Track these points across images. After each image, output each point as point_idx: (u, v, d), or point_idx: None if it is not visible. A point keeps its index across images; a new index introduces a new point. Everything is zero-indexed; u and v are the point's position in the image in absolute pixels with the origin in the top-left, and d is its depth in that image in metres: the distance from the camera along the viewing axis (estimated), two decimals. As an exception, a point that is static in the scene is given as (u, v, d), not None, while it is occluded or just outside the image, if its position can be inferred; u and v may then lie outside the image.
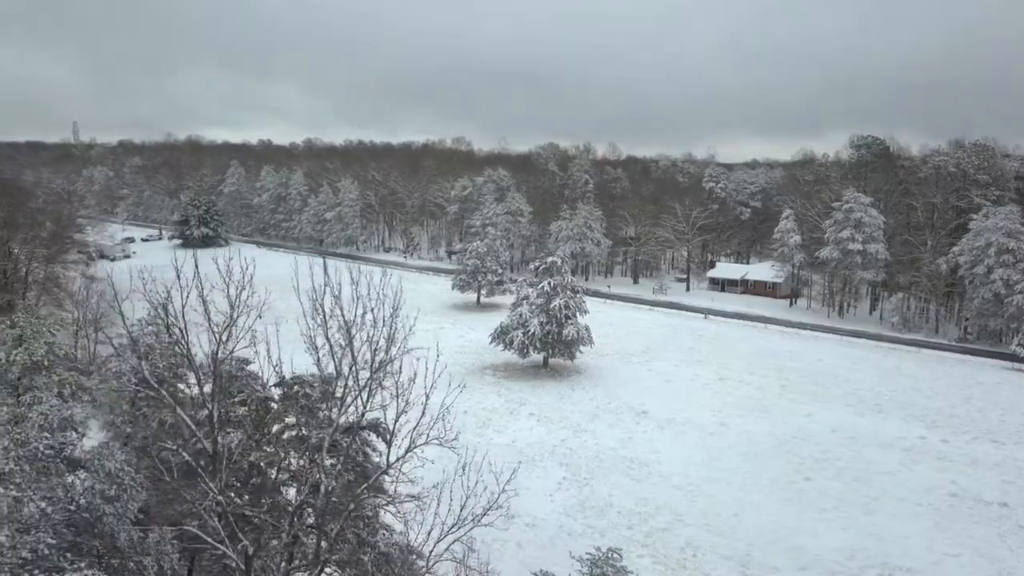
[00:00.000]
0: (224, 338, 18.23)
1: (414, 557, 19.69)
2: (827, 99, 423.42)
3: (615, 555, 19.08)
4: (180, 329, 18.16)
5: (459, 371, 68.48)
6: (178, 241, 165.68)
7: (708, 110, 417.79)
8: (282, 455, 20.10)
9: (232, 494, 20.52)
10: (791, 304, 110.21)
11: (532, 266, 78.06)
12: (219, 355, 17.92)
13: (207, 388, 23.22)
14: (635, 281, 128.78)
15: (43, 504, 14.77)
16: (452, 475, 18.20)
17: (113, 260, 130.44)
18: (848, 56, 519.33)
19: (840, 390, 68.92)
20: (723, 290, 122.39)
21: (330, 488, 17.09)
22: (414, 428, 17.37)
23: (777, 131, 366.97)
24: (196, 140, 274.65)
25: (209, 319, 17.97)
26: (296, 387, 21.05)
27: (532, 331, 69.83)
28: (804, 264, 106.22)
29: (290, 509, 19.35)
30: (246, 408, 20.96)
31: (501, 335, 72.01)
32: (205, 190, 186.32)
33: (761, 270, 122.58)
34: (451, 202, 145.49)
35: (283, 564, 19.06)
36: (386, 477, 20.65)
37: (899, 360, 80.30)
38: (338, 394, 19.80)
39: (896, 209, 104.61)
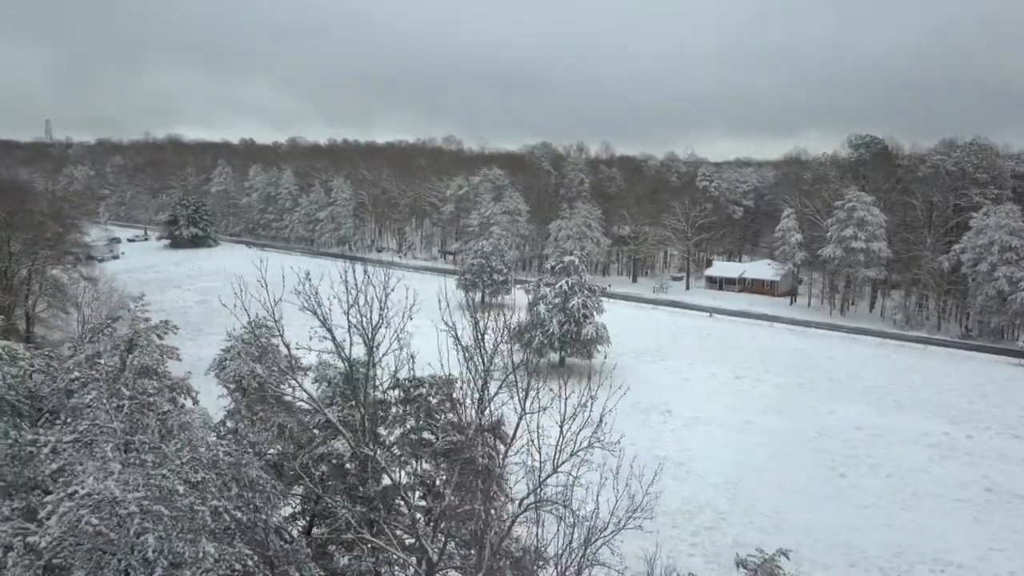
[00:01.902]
0: (375, 342, 17.80)
1: (541, 563, 19.41)
2: (803, 99, 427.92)
3: (782, 556, 18.88)
4: (330, 330, 17.67)
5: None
6: (166, 241, 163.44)
7: (686, 109, 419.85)
8: (408, 459, 19.69)
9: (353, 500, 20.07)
10: (791, 302, 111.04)
11: (548, 265, 77.90)
12: (372, 360, 17.47)
13: (316, 392, 22.77)
14: (634, 280, 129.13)
15: (238, 514, 14.27)
16: (599, 478, 17.99)
17: (101, 261, 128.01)
18: (827, 57, 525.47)
19: (856, 387, 69.47)
20: (721, 288, 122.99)
21: (502, 497, 16.78)
22: (579, 431, 17.16)
23: (752, 130, 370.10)
24: (176, 139, 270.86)
25: (362, 325, 17.56)
26: (414, 389, 20.65)
27: (551, 330, 69.65)
28: (805, 262, 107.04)
29: (417, 515, 18.97)
30: (361, 411, 20.47)
31: (519, 335, 71.54)
32: (190, 190, 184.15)
33: (758, 268, 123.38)
34: (446, 201, 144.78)
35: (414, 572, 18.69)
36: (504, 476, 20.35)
37: (908, 357, 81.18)
38: (457, 396, 19.45)
39: (894, 207, 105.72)
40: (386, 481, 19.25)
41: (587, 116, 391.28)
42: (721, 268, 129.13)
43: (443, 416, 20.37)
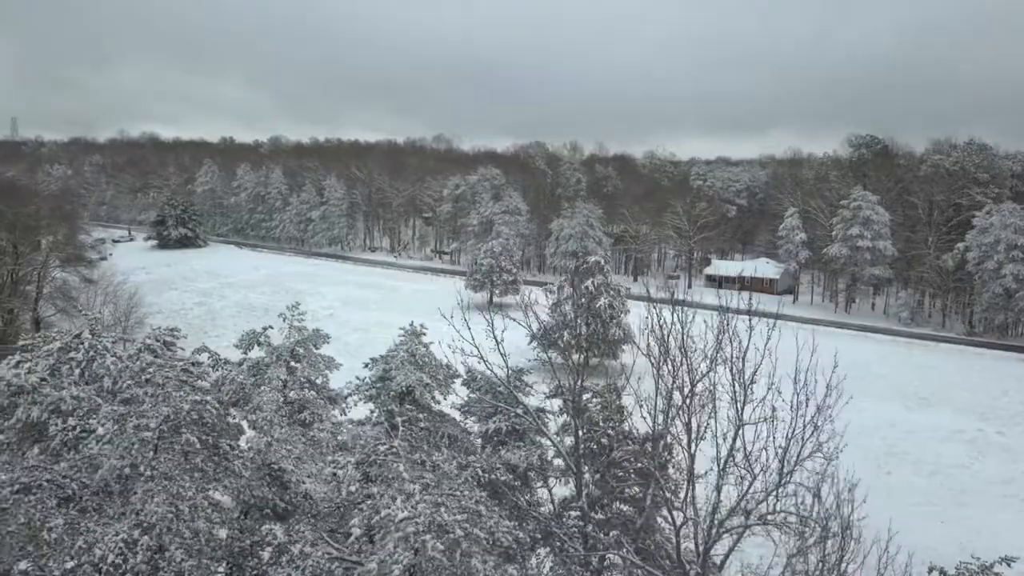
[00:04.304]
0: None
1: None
2: (783, 97, 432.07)
3: (1004, 564, 18.80)
4: (548, 345, 17.33)
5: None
6: (153, 242, 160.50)
7: (668, 109, 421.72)
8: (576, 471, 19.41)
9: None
10: (794, 300, 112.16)
11: (571, 266, 77.89)
12: (584, 374, 17.20)
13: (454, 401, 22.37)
14: (634, 279, 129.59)
15: (519, 533, 13.85)
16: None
17: (89, 262, 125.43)
18: (808, 56, 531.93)
19: (880, 384, 70.21)
20: (720, 287, 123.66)
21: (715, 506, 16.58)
22: (800, 440, 17.04)
23: (726, 129, 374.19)
24: (154, 137, 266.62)
25: (579, 341, 17.27)
26: (576, 398, 20.36)
27: (577, 331, 69.61)
28: (810, 261, 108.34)
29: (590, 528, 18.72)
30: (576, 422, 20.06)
31: (544, 335, 71.34)
32: (175, 189, 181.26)
33: (757, 267, 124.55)
34: (443, 201, 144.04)
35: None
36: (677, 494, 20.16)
37: (920, 354, 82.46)
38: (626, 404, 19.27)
39: (894, 206, 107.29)
40: (563, 493, 18.99)
41: (565, 115, 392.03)
42: (720, 267, 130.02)
43: (611, 426, 20.13)
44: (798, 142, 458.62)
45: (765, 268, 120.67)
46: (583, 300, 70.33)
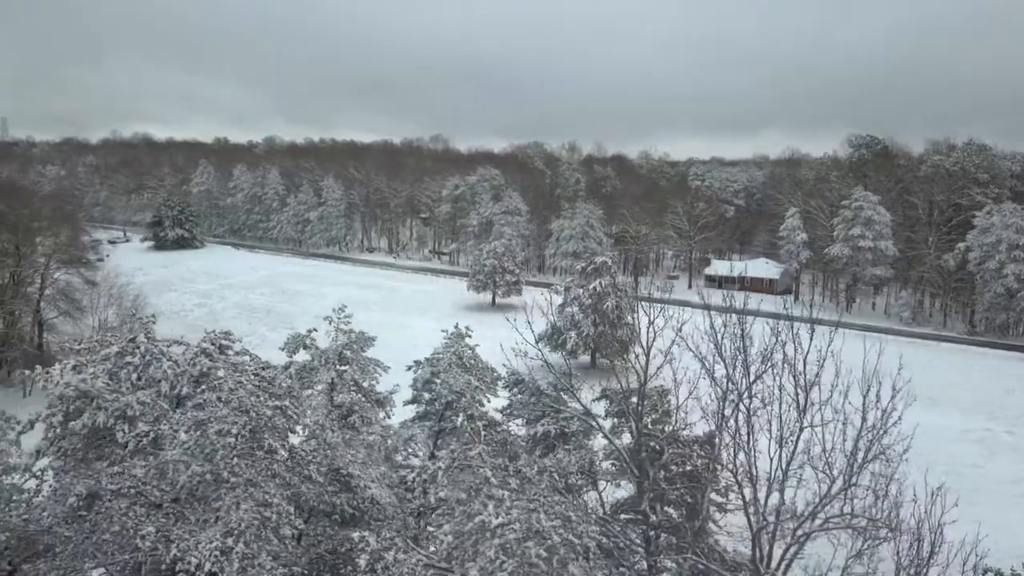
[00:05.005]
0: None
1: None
2: (774, 98, 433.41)
3: None
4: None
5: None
6: (150, 243, 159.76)
7: (660, 109, 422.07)
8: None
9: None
10: (795, 300, 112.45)
11: (579, 267, 77.94)
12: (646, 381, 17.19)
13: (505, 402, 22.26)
14: (635, 280, 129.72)
15: (603, 539, 13.79)
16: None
17: (91, 263, 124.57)
18: (804, 57, 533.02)
19: (884, 383, 70.48)
20: (720, 287, 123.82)
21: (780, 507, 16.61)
22: (865, 443, 17.05)
23: (719, 129, 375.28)
24: (148, 138, 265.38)
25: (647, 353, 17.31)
26: (623, 401, 20.37)
27: (585, 332, 69.70)
28: (811, 261, 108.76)
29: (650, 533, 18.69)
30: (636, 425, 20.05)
31: (551, 336, 71.45)
32: (170, 190, 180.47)
33: (757, 267, 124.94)
34: (442, 201, 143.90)
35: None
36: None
37: (926, 353, 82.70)
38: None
39: (894, 206, 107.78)
40: (612, 497, 18.94)
41: (563, 115, 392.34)
42: (720, 267, 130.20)
43: (662, 428, 20.13)
44: (795, 142, 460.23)
45: (765, 268, 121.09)
46: (589, 300, 70.36)
